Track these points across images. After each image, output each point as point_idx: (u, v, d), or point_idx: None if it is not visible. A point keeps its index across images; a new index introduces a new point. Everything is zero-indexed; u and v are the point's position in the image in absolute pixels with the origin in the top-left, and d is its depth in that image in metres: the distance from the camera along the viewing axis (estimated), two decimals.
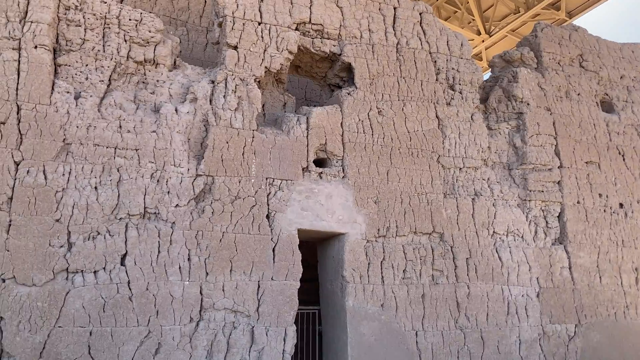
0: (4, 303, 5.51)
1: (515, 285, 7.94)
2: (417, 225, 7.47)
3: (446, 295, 7.43)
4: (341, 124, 7.39)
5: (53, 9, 6.25)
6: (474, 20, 17.68)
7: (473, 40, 17.70)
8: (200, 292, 6.23)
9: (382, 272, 7.14)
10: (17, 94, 5.97)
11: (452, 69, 8.35)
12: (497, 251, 7.96)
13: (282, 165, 6.93)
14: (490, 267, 7.80)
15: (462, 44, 8.55)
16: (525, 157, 8.44)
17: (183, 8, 8.95)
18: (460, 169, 8.02)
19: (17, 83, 5.99)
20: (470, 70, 8.47)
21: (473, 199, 8.00)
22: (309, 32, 7.53)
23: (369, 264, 7.09)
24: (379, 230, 7.23)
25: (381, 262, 7.17)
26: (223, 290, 6.33)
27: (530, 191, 8.35)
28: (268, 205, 6.77)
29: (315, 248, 8.26)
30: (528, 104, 8.71)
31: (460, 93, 8.34)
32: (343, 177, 7.26)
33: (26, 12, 6.17)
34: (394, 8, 8.22)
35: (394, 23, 8.15)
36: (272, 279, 6.56)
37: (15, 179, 5.79)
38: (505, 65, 9.34)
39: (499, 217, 8.08)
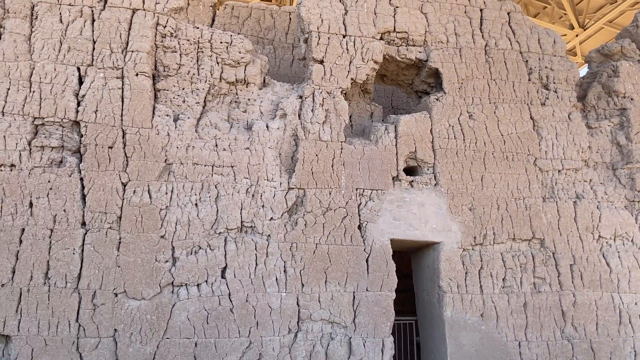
0: (117, 316, 5.92)
1: (627, 293, 7.44)
2: (515, 231, 7.22)
3: (550, 303, 7.10)
4: (431, 130, 7.33)
5: (151, 37, 6.70)
6: (565, 14, 16.93)
7: (566, 35, 16.94)
8: (297, 304, 6.37)
9: (480, 281, 6.95)
10: (122, 120, 6.43)
11: (545, 67, 8.04)
12: (604, 256, 7.51)
13: (372, 175, 6.96)
14: (598, 274, 7.37)
15: (554, 41, 8.22)
16: (631, 156, 7.94)
17: (269, 27, 9.29)
18: (559, 171, 7.68)
19: (122, 109, 6.46)
20: (564, 67, 8.12)
21: (575, 202, 7.62)
22: (393, 40, 7.56)
23: (466, 273, 6.94)
24: (475, 238, 7.06)
25: (479, 270, 6.99)
26: (319, 301, 6.43)
27: (638, 192, 7.83)
28: (359, 215, 6.82)
29: (409, 258, 8.20)
30: (632, 99, 8.20)
31: (555, 92, 8.00)
32: (435, 184, 7.18)
33: (127, 43, 6.66)
34: (480, 10, 8.07)
35: (481, 25, 8.00)
36: (367, 289, 6.58)
37: (123, 199, 6.23)
38: (604, 60, 8.86)
39: (604, 220, 7.63)
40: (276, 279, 6.38)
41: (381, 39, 7.52)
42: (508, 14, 8.20)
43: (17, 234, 5.91)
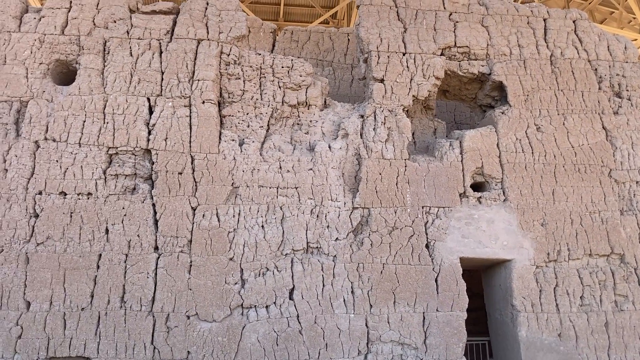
0: (189, 338, 6.07)
1: None
2: (592, 246, 6.92)
3: (634, 322, 6.73)
4: (497, 144, 7.18)
5: (215, 66, 6.95)
6: (634, 18, 16.28)
7: (636, 40, 16.26)
8: (366, 325, 6.33)
9: (556, 300, 6.69)
10: (190, 146, 6.67)
11: (617, 75, 7.75)
12: None
13: (438, 193, 6.88)
14: None
15: (625, 47, 7.93)
16: None
17: (328, 49, 9.44)
18: (637, 182, 7.33)
19: (190, 136, 6.71)
20: (638, 74, 7.79)
21: None
22: (454, 55, 7.50)
23: (540, 291, 6.69)
24: (548, 254, 6.82)
25: (554, 288, 6.72)
26: (388, 322, 6.36)
27: None
28: (426, 234, 6.74)
29: (479, 276, 8.00)
30: None
31: (629, 100, 7.69)
32: (504, 200, 7.01)
33: (193, 72, 6.94)
34: (544, 19, 7.90)
35: (545, 35, 7.82)
36: (437, 310, 6.46)
37: (193, 223, 6.43)
38: None
39: None
40: (344, 300, 6.37)
41: (442, 54, 7.48)
42: (574, 22, 7.99)
43: (95, 259, 6.20)
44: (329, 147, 6.92)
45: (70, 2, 7.19)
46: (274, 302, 6.29)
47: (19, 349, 5.86)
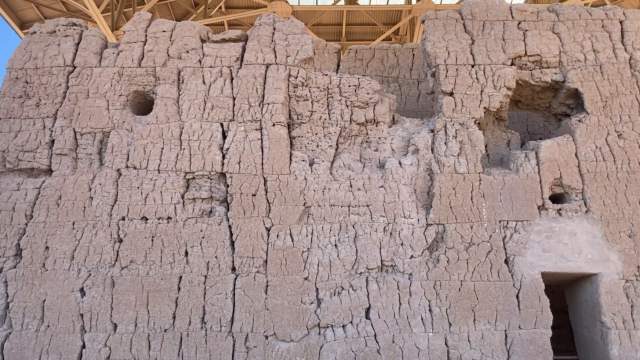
0: (268, 358, 6.16)
1: None
2: None
3: None
4: (575, 154, 6.94)
5: (284, 89, 7.13)
6: None
7: None
8: (446, 344, 6.21)
9: None
10: (262, 168, 6.85)
11: None
12: None
13: (515, 206, 6.71)
14: None
15: None
16: None
17: (393, 65, 9.48)
18: None
19: (262, 158, 6.89)
20: None
21: None
22: (525, 64, 7.35)
23: (632, 306, 6.35)
24: (638, 267, 6.48)
25: None
26: (469, 341, 6.22)
27: None
28: (505, 249, 6.57)
29: (561, 291, 7.69)
30: None
31: None
32: (586, 211, 6.74)
33: (263, 96, 7.15)
34: (620, 22, 7.62)
35: (622, 38, 7.53)
36: (519, 327, 6.26)
37: (268, 243, 6.57)
38: None
39: None
40: (422, 319, 6.29)
41: (512, 64, 7.35)
42: None
43: (176, 281, 6.44)
44: (400, 163, 6.91)
45: (146, 35, 7.60)
46: (351, 322, 6.30)
47: None
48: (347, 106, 7.23)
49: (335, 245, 6.58)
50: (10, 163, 7.00)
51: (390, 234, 6.62)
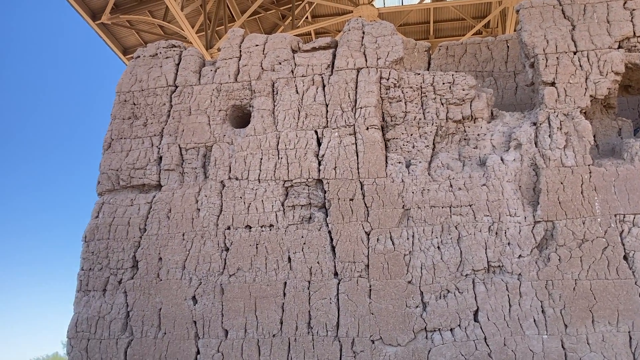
0: None
1: None
2: None
3: None
4: None
5: (376, 92, 7.15)
6: None
7: None
8: (562, 346, 5.91)
9: None
10: (358, 173, 6.89)
11: None
12: None
13: (632, 198, 6.28)
14: None
15: None
16: None
17: (487, 59, 9.22)
18: None
19: (357, 163, 6.93)
20: None
21: None
22: (635, 46, 6.87)
23: None
24: None
25: None
26: (588, 343, 5.88)
27: None
28: (623, 245, 6.16)
29: None
30: None
31: None
32: None
33: (355, 100, 7.20)
34: None
35: None
36: None
37: (369, 247, 6.58)
38: None
39: None
40: (534, 321, 6.04)
41: (619, 47, 6.91)
42: None
43: (281, 287, 6.61)
44: (502, 159, 6.69)
45: (240, 51, 7.91)
46: (459, 325, 6.16)
47: None
48: (442, 104, 7.11)
49: (438, 247, 6.48)
50: (124, 180, 7.53)
51: (496, 233, 6.42)
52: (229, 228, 6.99)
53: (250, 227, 6.95)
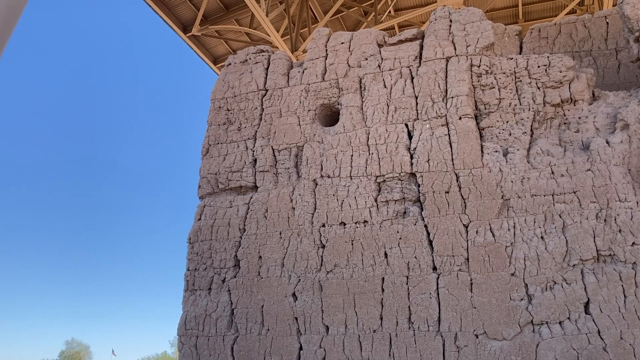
0: (481, 357, 6.01)
1: None
2: None
3: None
4: None
5: (467, 80, 6.98)
6: None
7: None
8: None
9: None
10: (453, 164, 6.76)
11: None
12: None
13: None
14: None
15: None
16: None
17: (584, 38, 8.73)
18: None
19: (451, 154, 6.80)
20: None
21: None
22: None
23: None
24: None
25: None
26: None
27: None
28: None
29: None
30: None
31: None
32: None
33: (446, 90, 7.07)
34: None
35: None
36: None
37: (468, 240, 6.44)
38: None
39: None
40: None
41: None
42: None
43: (379, 283, 6.62)
44: (607, 142, 6.32)
45: (326, 50, 8.01)
46: (568, 318, 5.88)
47: None
48: (538, 88, 6.82)
49: (542, 237, 6.22)
50: (222, 184, 7.85)
51: (605, 220, 6.07)
52: (323, 225, 7.09)
53: (345, 224, 7.01)
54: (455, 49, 7.22)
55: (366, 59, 7.68)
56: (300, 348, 6.70)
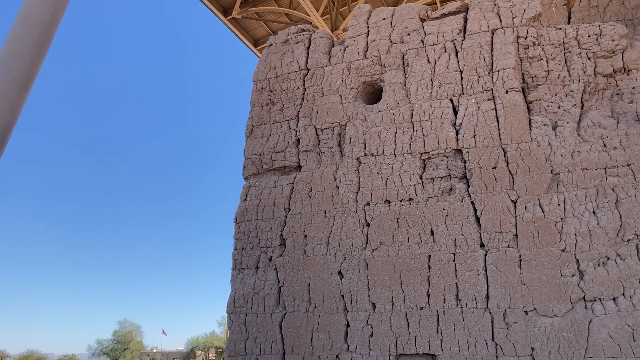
0: (531, 334, 5.95)
1: None
2: None
3: None
4: None
5: (514, 52, 6.82)
6: None
7: None
8: None
9: None
10: (500, 139, 6.64)
11: None
12: None
13: None
14: None
15: None
16: None
17: (637, 5, 8.39)
18: None
19: (498, 129, 6.68)
20: None
21: None
22: None
23: None
24: None
25: None
26: None
27: None
28: None
29: None
30: None
31: None
32: None
33: (492, 64, 6.93)
34: None
35: None
36: None
37: (516, 216, 6.35)
38: None
39: None
40: None
41: None
42: None
43: (425, 260, 6.61)
44: None
45: (367, 27, 7.95)
46: (622, 294, 5.76)
47: (372, 346, 6.57)
48: (588, 59, 6.61)
49: (594, 212, 6.08)
50: (266, 164, 7.94)
51: None
52: (368, 204, 7.11)
53: (390, 202, 7.00)
54: (500, 20, 7.05)
55: (409, 35, 7.58)
56: (348, 325, 6.78)
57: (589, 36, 6.63)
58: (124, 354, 50.87)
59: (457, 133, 6.90)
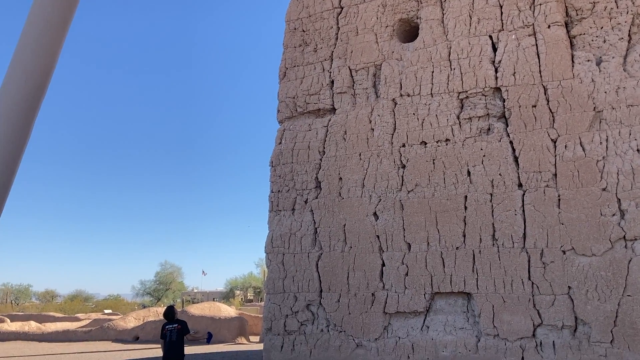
0: (568, 273, 5.98)
1: None
2: None
3: None
4: None
5: None
6: None
7: None
8: None
9: None
10: (540, 76, 6.48)
11: None
12: None
13: None
14: None
15: None
16: None
17: None
18: None
19: (539, 66, 6.51)
20: None
21: None
22: None
23: None
24: None
25: None
26: None
27: None
28: None
29: None
30: None
31: None
32: None
33: None
34: None
35: None
36: None
37: (556, 156, 6.26)
38: None
39: None
40: None
41: None
42: None
43: (461, 201, 6.62)
44: None
45: None
46: None
47: (408, 284, 6.71)
48: None
49: (638, 150, 5.95)
50: (300, 107, 7.95)
51: None
52: (403, 145, 7.09)
53: (426, 143, 6.98)
54: None
55: None
56: (383, 264, 6.91)
57: None
58: (166, 294, 53.15)
59: (496, 71, 6.75)
